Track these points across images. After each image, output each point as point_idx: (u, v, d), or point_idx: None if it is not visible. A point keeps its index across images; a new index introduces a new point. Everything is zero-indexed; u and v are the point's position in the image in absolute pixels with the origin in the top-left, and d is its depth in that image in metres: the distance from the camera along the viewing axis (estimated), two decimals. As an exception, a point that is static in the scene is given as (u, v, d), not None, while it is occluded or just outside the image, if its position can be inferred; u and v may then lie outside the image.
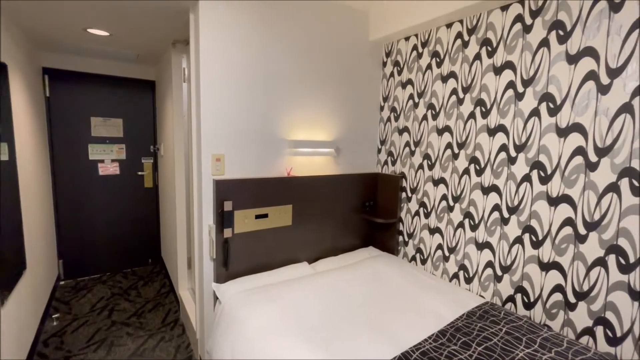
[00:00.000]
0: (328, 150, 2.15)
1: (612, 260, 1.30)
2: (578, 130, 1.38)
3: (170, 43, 2.47)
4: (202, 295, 1.84)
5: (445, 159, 1.96)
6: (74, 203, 3.14)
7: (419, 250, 2.16)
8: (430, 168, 2.05)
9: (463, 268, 1.89)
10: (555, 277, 1.48)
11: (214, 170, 1.76)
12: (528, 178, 1.56)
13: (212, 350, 1.61)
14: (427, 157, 2.07)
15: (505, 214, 1.66)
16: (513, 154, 1.62)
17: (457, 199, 1.90)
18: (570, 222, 1.42)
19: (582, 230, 1.38)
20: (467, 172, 1.84)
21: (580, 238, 1.39)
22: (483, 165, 1.76)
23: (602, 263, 1.33)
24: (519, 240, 1.61)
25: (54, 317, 2.52)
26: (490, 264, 1.74)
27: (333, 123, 2.20)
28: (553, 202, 1.47)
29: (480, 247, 1.79)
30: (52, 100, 2.97)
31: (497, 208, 1.70)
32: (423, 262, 2.14)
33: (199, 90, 1.69)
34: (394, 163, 2.33)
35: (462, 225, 1.88)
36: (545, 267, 1.51)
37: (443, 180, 1.98)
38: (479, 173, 1.78)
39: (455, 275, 1.93)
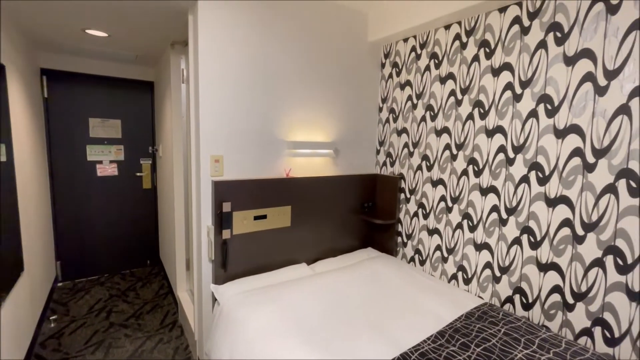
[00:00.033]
0: (327, 151, 2.15)
1: (610, 261, 1.30)
2: (576, 132, 1.38)
3: (169, 44, 2.47)
4: (200, 297, 1.84)
5: (444, 160, 1.96)
6: (72, 204, 3.13)
7: (418, 251, 2.17)
8: (429, 169, 2.06)
9: (462, 269, 1.89)
10: (554, 278, 1.48)
11: (213, 171, 1.75)
12: (526, 179, 1.57)
13: (210, 352, 1.61)
14: (425, 158, 2.08)
15: (504, 215, 1.67)
16: (511, 155, 1.62)
17: (455, 200, 1.91)
18: (568, 223, 1.42)
19: (580, 231, 1.39)
20: (465, 173, 1.84)
21: (578, 239, 1.39)
22: (481, 167, 1.76)
23: (600, 264, 1.33)
24: (518, 241, 1.62)
25: (52, 318, 2.51)
26: (489, 265, 1.75)
27: (332, 124, 2.20)
28: (551, 203, 1.48)
29: (479, 248, 1.79)
30: (50, 101, 2.96)
31: (495, 209, 1.71)
32: (422, 263, 2.14)
33: (198, 91, 1.69)
34: (393, 164, 2.33)
35: (460, 226, 1.88)
36: (544, 268, 1.52)
37: (442, 181, 1.98)
38: (478, 174, 1.78)
39: (454, 276, 1.94)
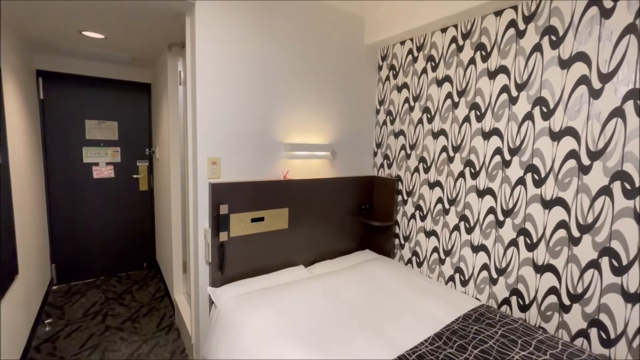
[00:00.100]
0: (324, 154, 2.16)
1: (605, 263, 1.31)
2: (571, 134, 1.39)
3: (166, 46, 2.46)
4: (197, 300, 1.83)
5: (441, 162, 1.97)
6: (68, 206, 3.11)
7: (415, 253, 2.17)
8: (426, 171, 2.06)
9: (459, 271, 1.89)
10: (550, 279, 1.49)
11: (210, 174, 1.75)
12: (522, 181, 1.58)
13: (207, 355, 1.60)
14: (422, 160, 2.09)
15: (500, 217, 1.68)
16: (507, 158, 1.63)
17: (452, 202, 1.91)
18: (564, 224, 1.43)
19: (575, 233, 1.40)
20: (462, 175, 1.85)
21: (574, 241, 1.40)
22: (478, 169, 1.77)
23: (595, 265, 1.34)
24: (514, 243, 1.62)
25: (47, 322, 2.49)
26: (486, 267, 1.75)
27: (329, 126, 2.21)
28: (547, 205, 1.49)
29: (476, 249, 1.80)
30: (46, 103, 2.94)
31: (492, 211, 1.71)
32: (419, 265, 2.15)
33: (195, 94, 1.69)
34: (390, 166, 2.34)
35: (457, 228, 1.89)
36: (540, 269, 1.52)
37: (438, 184, 1.99)
38: (474, 176, 1.79)
39: (451, 278, 1.94)
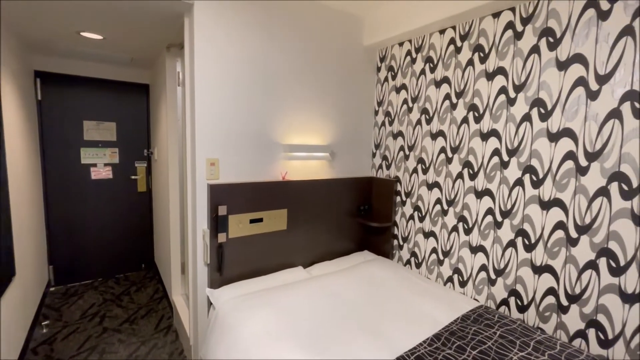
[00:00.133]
0: (323, 155, 2.16)
1: (603, 263, 1.31)
2: (568, 135, 1.40)
3: (165, 47, 2.46)
4: (195, 301, 1.83)
5: (439, 163, 1.97)
6: (66, 208, 3.10)
7: (414, 254, 2.17)
8: (425, 172, 2.07)
9: (457, 272, 1.90)
10: (548, 280, 1.49)
11: (209, 175, 1.75)
12: (520, 182, 1.58)
13: (206, 357, 1.59)
14: (421, 161, 2.09)
15: (499, 218, 1.68)
16: (505, 159, 1.64)
17: (451, 203, 1.92)
18: (562, 225, 1.43)
19: (573, 234, 1.40)
20: (460, 176, 1.86)
21: (572, 241, 1.41)
22: (476, 170, 1.77)
23: (593, 266, 1.34)
24: (512, 244, 1.63)
25: (44, 324, 2.47)
26: (484, 268, 1.76)
27: (328, 127, 2.21)
28: (545, 206, 1.49)
29: (474, 250, 1.80)
30: (43, 104, 2.93)
31: (490, 212, 1.72)
32: (418, 265, 2.15)
33: (194, 94, 1.69)
34: (389, 167, 2.34)
35: (456, 229, 1.89)
36: (538, 270, 1.53)
37: (437, 184, 1.99)
38: (473, 177, 1.79)
39: (450, 279, 1.94)
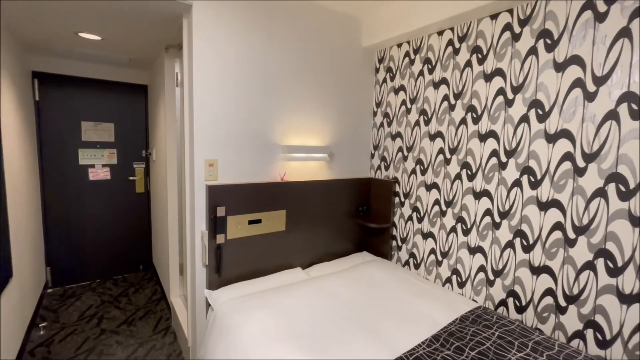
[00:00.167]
0: (322, 155, 2.16)
1: (600, 264, 1.32)
2: (566, 136, 1.41)
3: (164, 48, 2.46)
4: (194, 302, 1.82)
5: (438, 164, 1.98)
6: (63, 209, 3.08)
7: (413, 255, 2.17)
8: (423, 173, 2.07)
9: (456, 272, 1.90)
10: (546, 281, 1.50)
11: (207, 176, 1.75)
12: (518, 183, 1.59)
13: (204, 358, 1.59)
14: (419, 162, 2.09)
15: (497, 219, 1.68)
16: (504, 160, 1.64)
17: (449, 204, 1.92)
18: (560, 226, 1.44)
19: (571, 235, 1.40)
20: (459, 177, 1.86)
21: (570, 242, 1.41)
22: (474, 171, 1.78)
23: (591, 267, 1.35)
24: (510, 245, 1.63)
25: (41, 326, 2.46)
26: (483, 269, 1.76)
27: (327, 128, 2.21)
28: (543, 206, 1.50)
29: (473, 251, 1.80)
30: (41, 105, 2.92)
31: (488, 213, 1.72)
32: (416, 266, 2.15)
33: (192, 95, 1.69)
34: (387, 168, 2.35)
35: (454, 230, 1.90)
36: (536, 271, 1.53)
37: (435, 185, 1.99)
38: (471, 178, 1.80)
39: (448, 280, 1.94)
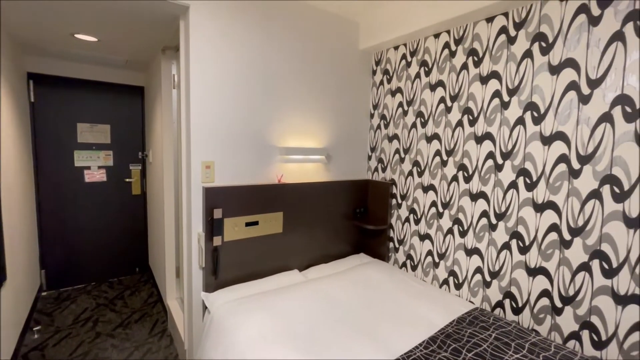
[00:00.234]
0: (319, 157, 2.16)
1: (596, 265, 1.33)
2: (561, 139, 1.42)
3: (160, 49, 2.45)
4: (190, 305, 1.81)
5: (434, 166, 1.98)
6: (59, 211, 3.06)
7: (410, 257, 2.17)
8: (420, 175, 2.08)
9: (453, 274, 1.90)
10: (542, 282, 1.50)
11: (204, 178, 1.74)
12: (514, 185, 1.60)
13: (200, 362, 1.57)
14: (416, 164, 2.10)
15: (493, 220, 1.69)
16: (500, 161, 1.65)
17: (446, 206, 1.93)
18: (556, 227, 1.45)
19: (566, 236, 1.41)
20: (455, 179, 1.87)
21: (565, 243, 1.42)
22: (471, 173, 1.79)
23: (586, 268, 1.36)
24: (507, 246, 1.64)
25: (35, 329, 2.43)
26: (479, 270, 1.77)
27: (324, 130, 2.21)
28: (539, 208, 1.51)
29: (469, 253, 1.81)
30: (37, 106, 2.90)
31: (485, 214, 1.73)
32: (413, 268, 2.15)
33: (189, 97, 1.68)
34: (384, 170, 2.35)
35: (451, 232, 1.90)
36: (533, 272, 1.54)
37: (432, 187, 2.00)
38: (467, 180, 1.81)
39: (445, 281, 1.95)
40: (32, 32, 2.20)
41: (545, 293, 1.49)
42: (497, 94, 1.65)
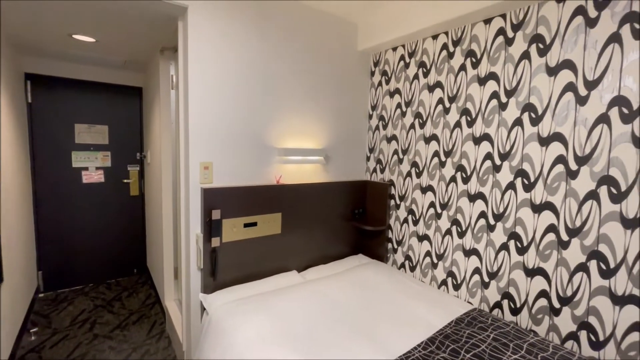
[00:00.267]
0: (317, 158, 2.16)
1: (593, 266, 1.33)
2: (559, 140, 1.42)
3: (159, 50, 2.45)
4: (189, 306, 1.80)
5: (433, 167, 1.99)
6: (56, 212, 3.04)
7: (408, 258, 2.18)
8: (418, 176, 2.08)
9: (451, 275, 1.91)
10: (540, 282, 1.51)
11: (202, 179, 1.74)
12: (512, 186, 1.60)
13: (198, 363, 1.57)
14: (414, 165, 2.10)
15: (491, 221, 1.70)
16: (498, 162, 1.66)
17: (444, 207, 1.93)
18: (553, 228, 1.45)
19: (564, 237, 1.42)
20: (453, 179, 1.87)
21: (563, 244, 1.42)
22: (469, 173, 1.79)
23: (584, 268, 1.36)
24: (505, 247, 1.64)
25: (32, 331, 2.42)
26: (478, 271, 1.77)
27: (322, 131, 2.21)
28: (537, 209, 1.51)
29: (468, 253, 1.81)
30: (34, 107, 2.89)
31: (483, 215, 1.73)
32: (412, 269, 2.15)
33: (187, 98, 1.68)
34: (383, 171, 2.35)
35: (449, 232, 1.91)
36: (530, 273, 1.54)
37: (430, 188, 2.00)
38: (466, 181, 1.81)
39: (444, 282, 1.95)
40: (29, 32, 2.19)
41: (543, 294, 1.50)
42: (495, 95, 1.66)
